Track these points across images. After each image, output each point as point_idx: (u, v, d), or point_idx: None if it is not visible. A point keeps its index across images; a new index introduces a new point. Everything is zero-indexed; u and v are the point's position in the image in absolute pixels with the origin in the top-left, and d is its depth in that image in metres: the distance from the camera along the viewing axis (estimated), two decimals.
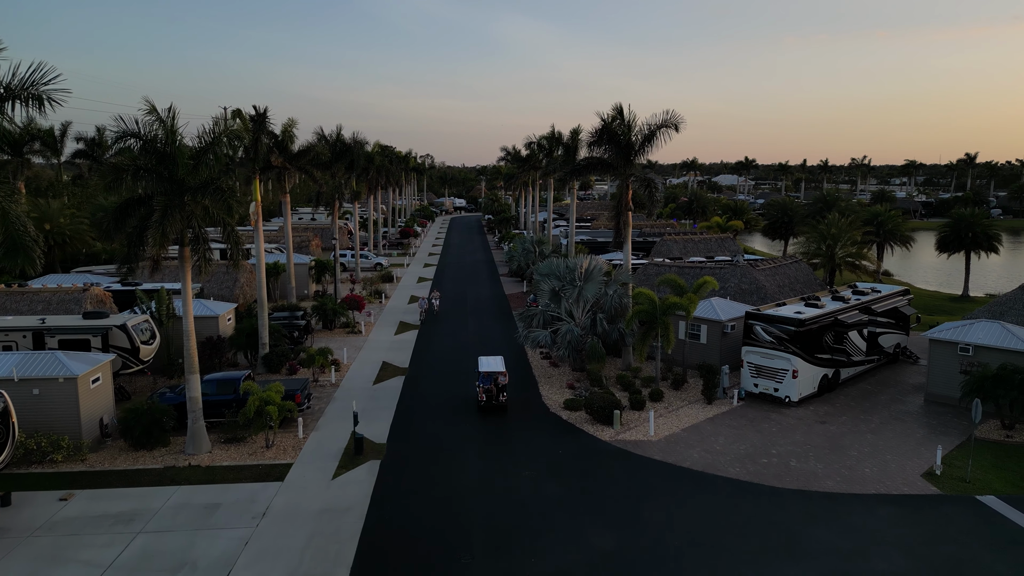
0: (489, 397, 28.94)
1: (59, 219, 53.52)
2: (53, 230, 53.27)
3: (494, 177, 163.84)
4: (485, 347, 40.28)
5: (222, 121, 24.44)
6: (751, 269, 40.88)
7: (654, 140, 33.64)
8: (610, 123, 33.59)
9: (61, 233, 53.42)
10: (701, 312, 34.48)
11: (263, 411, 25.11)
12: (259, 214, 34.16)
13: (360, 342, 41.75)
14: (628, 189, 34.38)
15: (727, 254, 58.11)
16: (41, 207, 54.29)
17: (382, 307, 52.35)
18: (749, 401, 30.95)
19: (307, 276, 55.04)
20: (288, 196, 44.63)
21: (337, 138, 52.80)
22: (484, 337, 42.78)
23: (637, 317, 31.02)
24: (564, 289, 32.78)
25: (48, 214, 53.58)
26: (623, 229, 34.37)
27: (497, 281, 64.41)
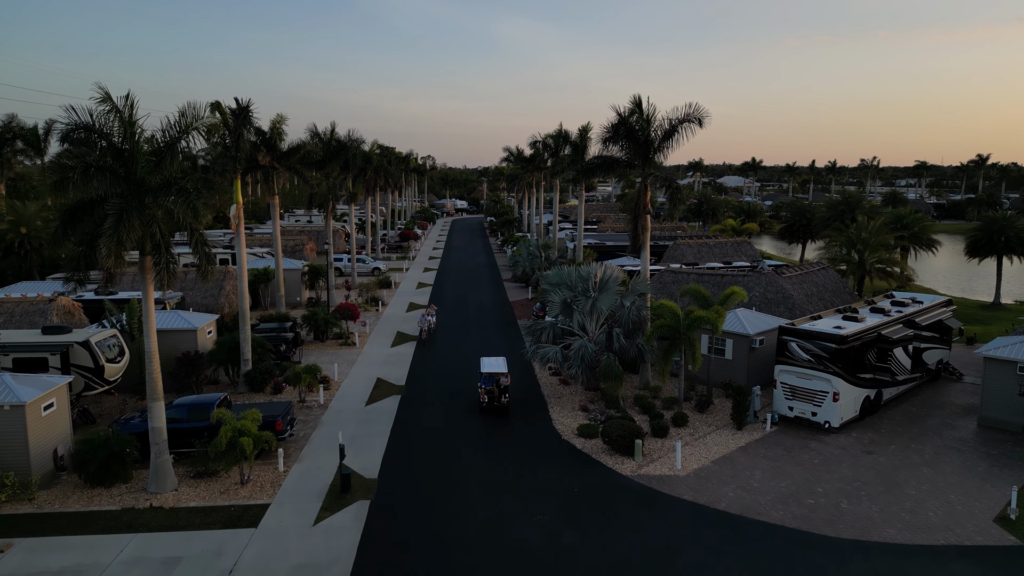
0: (491, 398, 28.41)
1: (36, 222, 50.44)
2: (30, 234, 50.23)
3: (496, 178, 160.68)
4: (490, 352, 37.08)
5: (191, 111, 21.32)
6: (777, 277, 37.72)
7: (675, 136, 30.50)
8: (627, 117, 30.44)
9: (38, 237, 50.35)
10: (726, 325, 31.29)
11: (236, 443, 21.95)
12: (240, 217, 31.03)
13: (353, 355, 38.61)
14: (647, 190, 31.23)
15: (744, 259, 54.96)
16: (17, 209, 51.24)
17: (379, 315, 49.21)
18: (783, 426, 27.78)
19: (300, 282, 51.92)
20: (277, 198, 41.52)
21: (331, 136, 49.70)
22: (487, 349, 39.61)
23: (658, 332, 27.86)
24: (576, 300, 29.63)
25: (25, 217, 50.53)
26: (640, 234, 31.21)
27: (500, 287, 61.26)
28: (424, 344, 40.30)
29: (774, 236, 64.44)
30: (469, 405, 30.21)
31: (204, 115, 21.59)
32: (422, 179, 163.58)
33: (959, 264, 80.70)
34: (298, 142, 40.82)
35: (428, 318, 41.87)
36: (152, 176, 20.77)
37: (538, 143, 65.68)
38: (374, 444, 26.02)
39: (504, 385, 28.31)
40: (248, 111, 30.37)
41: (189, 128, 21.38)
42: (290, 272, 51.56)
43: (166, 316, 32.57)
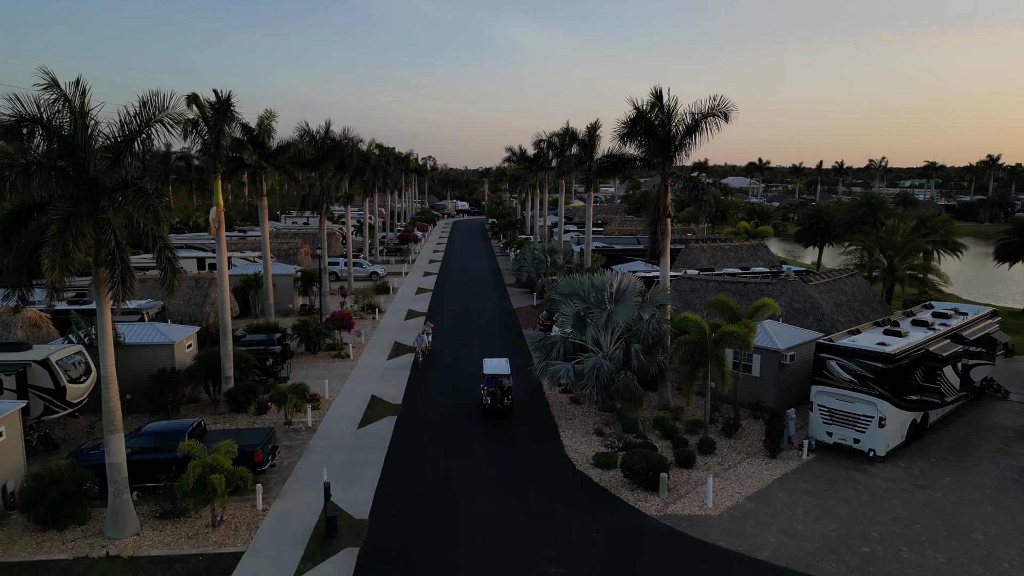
0: (494, 400, 28.04)
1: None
2: None
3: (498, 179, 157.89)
4: None
5: (155, 101, 18.56)
6: (804, 285, 34.92)
7: (699, 131, 27.74)
8: (646, 112, 27.68)
9: None
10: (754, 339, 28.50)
11: (206, 481, 19.18)
12: (221, 221, 28.28)
13: (347, 369, 35.83)
14: (667, 191, 28.46)
15: (761, 263, 52.16)
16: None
17: (375, 324, 46.43)
18: (822, 454, 24.98)
19: (292, 289, 49.17)
20: (266, 199, 38.75)
21: (325, 135, 46.95)
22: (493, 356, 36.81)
23: (682, 349, 25.06)
24: (590, 313, 26.84)
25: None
26: (660, 239, 28.43)
27: (503, 293, 58.47)
28: (420, 368, 35.26)
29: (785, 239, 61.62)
30: (472, 427, 27.45)
31: (170, 105, 18.80)
32: (423, 180, 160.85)
33: (975, 268, 77.94)
34: (287, 140, 38.12)
35: (425, 337, 36.94)
36: (107, 176, 18.01)
37: (543, 142, 62.93)
38: (366, 476, 23.23)
39: (507, 387, 27.97)
40: (229, 105, 27.60)
41: (152, 120, 18.61)
42: (282, 278, 48.82)
43: (141, 329, 29.82)
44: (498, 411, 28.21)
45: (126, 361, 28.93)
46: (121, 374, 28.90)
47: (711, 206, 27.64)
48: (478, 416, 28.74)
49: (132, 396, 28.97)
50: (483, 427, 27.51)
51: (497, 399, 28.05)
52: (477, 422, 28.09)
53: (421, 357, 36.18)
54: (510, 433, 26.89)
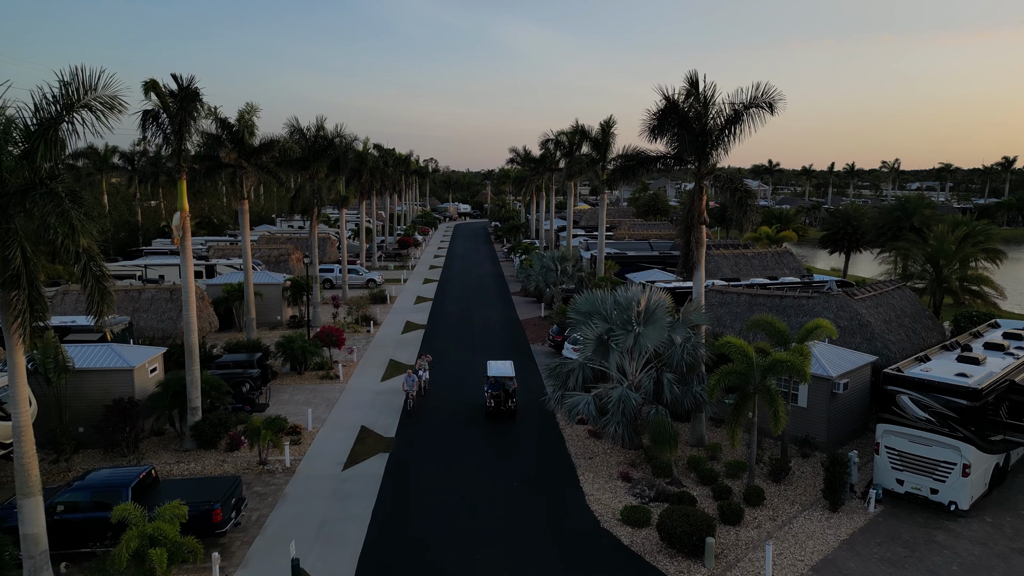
0: (497, 403, 27.87)
1: None
2: None
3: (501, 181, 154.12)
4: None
5: (81, 80, 14.75)
6: (850, 299, 31.01)
7: (739, 124, 23.91)
8: (678, 102, 23.84)
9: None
10: None
11: (145, 557, 15.32)
12: (186, 228, 24.44)
13: (335, 392, 31.97)
14: (702, 194, 24.62)
15: (788, 272, 48.27)
16: None
17: (370, 338, 42.58)
18: (890, 504, 21.08)
19: (281, 299, 45.34)
20: (247, 202, 34.94)
21: (317, 132, 43.16)
22: None
23: (725, 381, 21.15)
24: (614, 336, 22.96)
25: None
26: (695, 249, 24.56)
27: (508, 302, 54.61)
28: (411, 416, 28.50)
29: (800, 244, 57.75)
30: (478, 467, 23.58)
31: (99, 85, 14.96)
32: (424, 182, 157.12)
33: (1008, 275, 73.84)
34: (271, 137, 34.34)
35: (420, 373, 30.98)
36: (14, 176, 14.18)
37: (550, 141, 59.18)
38: (348, 535, 19.36)
39: (512, 390, 27.86)
40: (195, 94, 23.74)
41: (75, 105, 14.78)
42: (269, 287, 44.99)
43: (95, 352, 26.00)
44: (501, 413, 27.95)
45: (79, 389, 25.17)
46: (73, 404, 25.20)
47: (757, 212, 23.80)
48: (484, 454, 24.88)
49: (85, 430, 25.19)
50: (491, 467, 23.66)
51: (501, 402, 27.75)
52: (483, 460, 24.22)
53: (411, 402, 28.85)
54: (522, 475, 23.02)
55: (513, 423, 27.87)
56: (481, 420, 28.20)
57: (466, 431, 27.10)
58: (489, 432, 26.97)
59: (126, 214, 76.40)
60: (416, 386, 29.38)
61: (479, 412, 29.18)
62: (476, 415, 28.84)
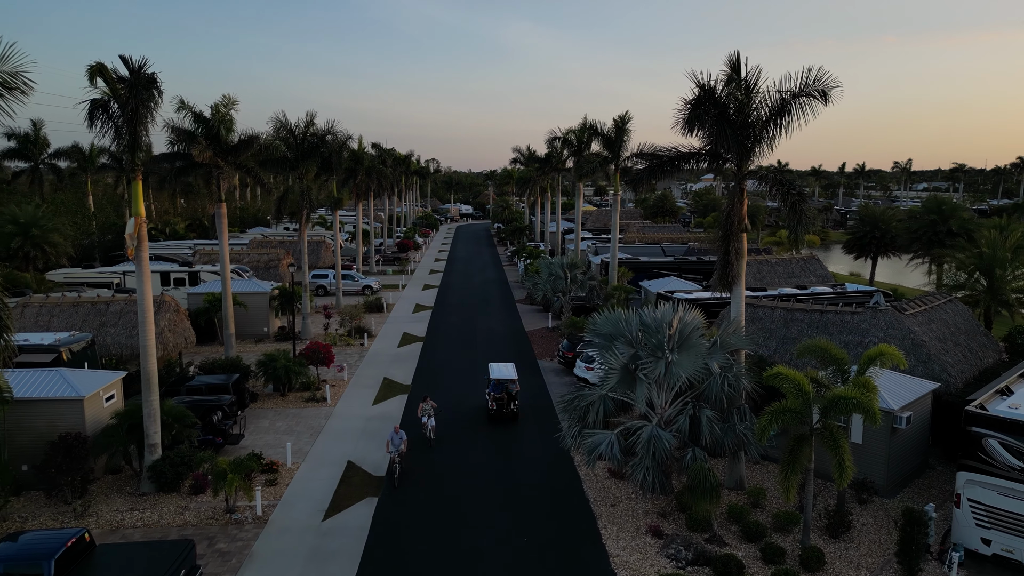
0: (500, 406, 27.62)
1: None
2: None
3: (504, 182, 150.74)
4: (506, 433, 27.06)
5: None
6: (900, 315, 27.53)
7: (787, 117, 20.46)
8: (715, 90, 20.38)
9: None
10: None
11: None
12: (142, 236, 21.00)
13: (321, 419, 28.57)
14: (743, 196, 21.18)
15: (816, 280, 44.76)
16: None
17: (363, 353, 39.13)
18: (975, 568, 17.61)
19: (268, 309, 41.94)
20: (224, 205, 31.50)
21: (306, 129, 39.71)
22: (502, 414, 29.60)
23: (779, 421, 17.68)
24: (642, 363, 19.48)
25: None
26: (734, 261, 21.11)
27: (513, 310, 51.16)
28: (395, 485, 22.02)
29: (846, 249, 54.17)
30: (483, 515, 20.15)
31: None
32: (425, 183, 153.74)
33: None
34: (250, 133, 30.94)
35: (424, 420, 25.54)
36: None
37: (557, 139, 55.74)
38: None
39: (514, 392, 27.69)
40: (150, 80, 20.28)
41: None
42: (255, 297, 41.61)
43: (40, 379, 22.60)
44: (503, 416, 27.69)
45: (21, 422, 21.81)
46: (16, 438, 21.87)
47: (812, 218, 20.35)
48: (487, 499, 21.43)
49: (29, 468, 21.83)
50: (495, 519, 20.22)
51: (504, 404, 27.53)
52: (486, 509, 20.77)
53: (398, 466, 22.20)
54: (532, 529, 19.57)
55: (522, 462, 24.46)
56: (483, 459, 24.77)
57: (466, 470, 23.66)
58: (493, 472, 23.54)
59: (112, 216, 73.00)
60: (400, 451, 22.32)
61: (481, 440, 25.76)
62: (479, 446, 25.40)
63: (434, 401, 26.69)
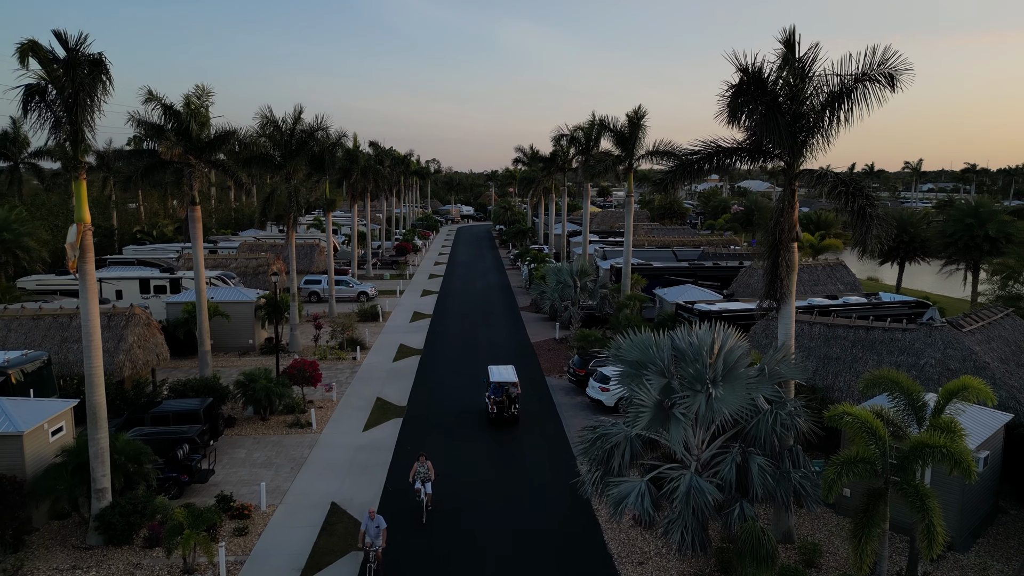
0: (500, 409, 27.33)
1: None
2: None
3: (506, 182, 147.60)
4: (513, 468, 23.93)
5: None
6: (958, 333, 24.37)
7: (847, 105, 17.34)
8: (760, 75, 17.24)
9: None
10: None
11: None
12: (87, 245, 17.87)
13: (304, 448, 25.43)
14: (794, 199, 18.08)
15: (844, 288, 41.61)
16: None
17: (355, 368, 35.99)
18: None
19: (253, 319, 38.81)
20: (198, 208, 28.33)
21: (294, 125, 36.53)
22: (512, 438, 26.49)
23: (849, 473, 14.51)
24: (677, 397, 16.33)
25: None
26: (784, 276, 17.98)
27: (517, 319, 48.02)
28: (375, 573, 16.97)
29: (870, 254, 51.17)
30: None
31: None
32: (425, 183, 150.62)
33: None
34: (226, 129, 27.82)
35: (417, 486, 20.12)
36: None
37: (563, 137, 52.54)
38: None
39: (515, 395, 27.46)
40: (94, 62, 17.10)
41: None
42: (239, 307, 38.49)
43: None
44: (504, 420, 27.35)
45: None
46: None
47: (890, 227, 17.21)
48: (494, 556, 18.29)
49: None
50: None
51: (504, 407, 27.29)
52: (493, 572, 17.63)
53: (372, 566, 16.83)
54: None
55: (533, 504, 21.32)
56: (486, 504, 21.63)
57: (467, 520, 20.52)
58: (503, 522, 20.39)
59: (98, 218, 69.90)
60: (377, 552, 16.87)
61: (484, 473, 22.63)
62: (484, 482, 22.26)
63: (430, 461, 20.89)
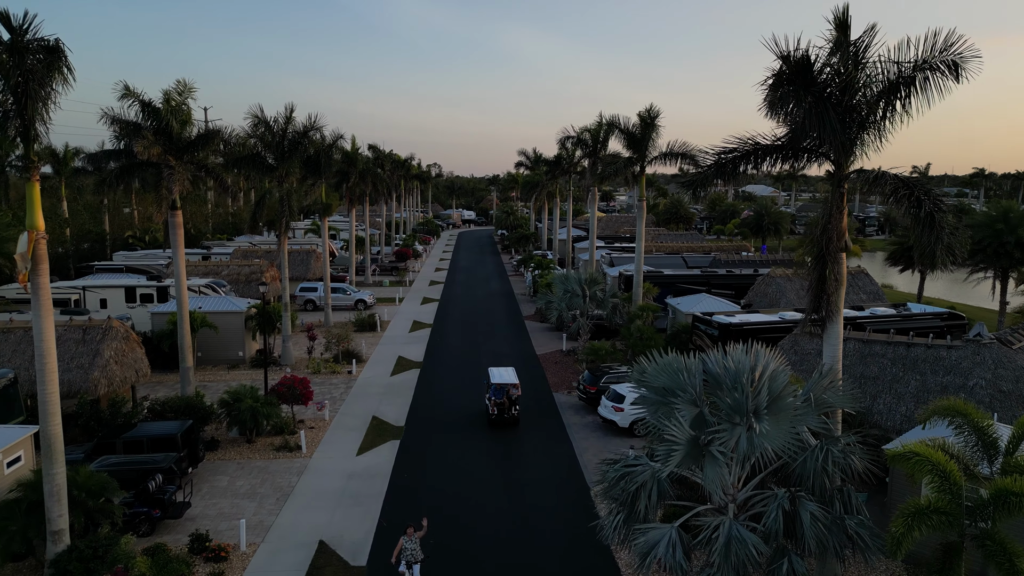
0: (500, 410, 27.43)
1: None
2: None
3: (508, 187, 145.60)
4: (522, 499, 21.76)
5: None
6: (1009, 351, 22.18)
7: (905, 97, 15.21)
8: (805, 60, 15.11)
9: None
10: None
11: None
12: (40, 256, 15.76)
13: (292, 475, 23.26)
14: (843, 204, 15.96)
15: (866, 297, 39.41)
16: None
17: (351, 382, 33.83)
18: None
19: (243, 331, 36.67)
20: (179, 212, 26.23)
21: (286, 124, 34.43)
22: (521, 464, 24.34)
23: (920, 526, 12.33)
24: (713, 432, 14.16)
25: None
26: (832, 290, 15.86)
27: (522, 328, 45.87)
28: None
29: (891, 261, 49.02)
30: None
31: None
32: (426, 187, 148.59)
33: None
34: (209, 128, 25.69)
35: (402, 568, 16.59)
36: None
37: (569, 139, 50.40)
38: None
39: (515, 397, 27.66)
40: (50, 48, 14.99)
41: None
42: (228, 317, 36.38)
43: None
44: (504, 421, 27.52)
45: None
46: None
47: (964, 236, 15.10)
48: None
49: None
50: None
51: (504, 409, 27.48)
52: None
53: None
54: None
55: (545, 548, 19.14)
56: (493, 552, 19.45)
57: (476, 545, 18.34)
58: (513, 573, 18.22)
59: (89, 223, 67.88)
60: None
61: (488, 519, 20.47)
62: (481, 529, 20.09)
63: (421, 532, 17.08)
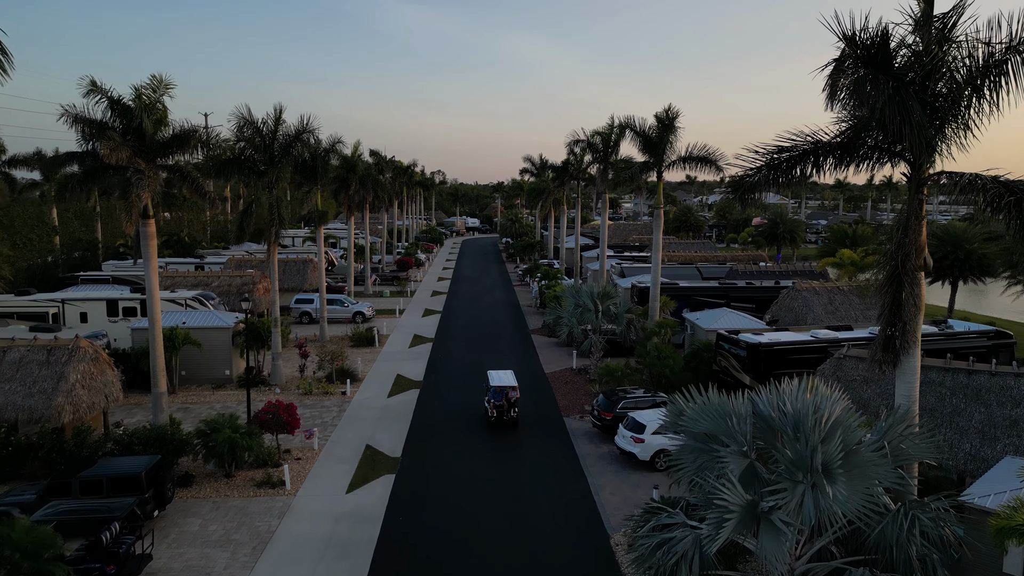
0: (500, 413, 27.77)
1: None
2: None
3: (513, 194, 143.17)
4: (532, 553, 19.11)
5: None
6: None
7: (995, 81, 12.62)
8: (875, 39, 12.52)
9: None
10: None
11: None
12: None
13: (272, 518, 20.63)
14: (923, 214, 13.31)
15: None
16: None
17: (344, 404, 31.24)
18: None
19: (230, 348, 34.12)
20: (152, 221, 23.70)
21: (276, 126, 31.93)
22: (530, 508, 21.70)
23: None
24: (771, 493, 11.54)
25: None
26: (909, 319, 13.19)
27: (528, 343, 43.24)
28: None
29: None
30: None
31: None
32: (429, 194, 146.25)
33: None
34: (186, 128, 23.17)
35: None
36: None
37: (579, 143, 47.91)
38: None
39: (514, 399, 27.89)
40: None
41: None
42: (214, 332, 33.85)
43: None
44: (504, 424, 27.92)
45: None
46: None
47: None
48: None
49: None
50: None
51: (504, 411, 27.82)
52: None
53: None
54: None
55: None
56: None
57: None
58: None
59: (79, 231, 65.56)
60: None
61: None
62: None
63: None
